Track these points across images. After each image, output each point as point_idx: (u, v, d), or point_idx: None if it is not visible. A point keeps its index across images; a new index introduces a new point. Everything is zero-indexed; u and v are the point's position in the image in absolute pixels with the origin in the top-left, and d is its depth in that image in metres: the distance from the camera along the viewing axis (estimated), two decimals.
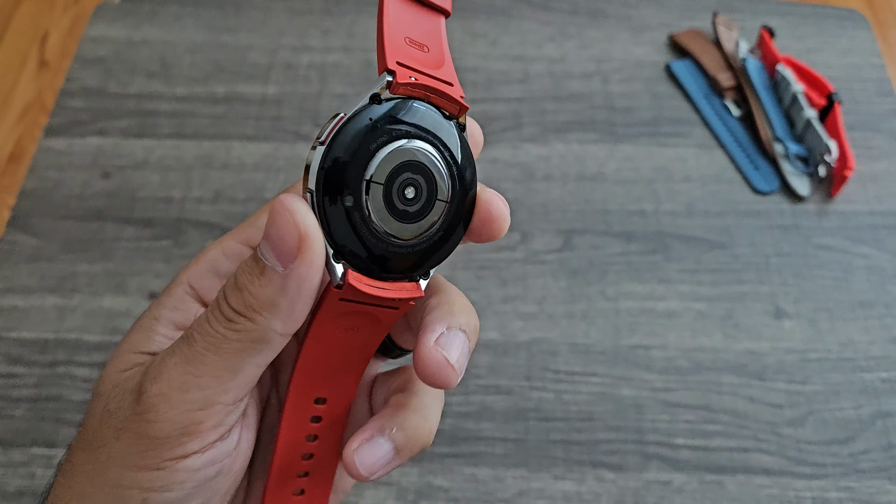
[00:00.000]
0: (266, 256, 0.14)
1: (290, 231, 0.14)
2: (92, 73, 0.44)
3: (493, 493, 0.31)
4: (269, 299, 0.14)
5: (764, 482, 0.32)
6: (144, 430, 0.15)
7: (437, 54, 0.16)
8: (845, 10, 0.49)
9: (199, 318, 0.15)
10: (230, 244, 0.18)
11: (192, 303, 0.18)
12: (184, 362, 0.15)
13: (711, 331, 0.36)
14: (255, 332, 0.15)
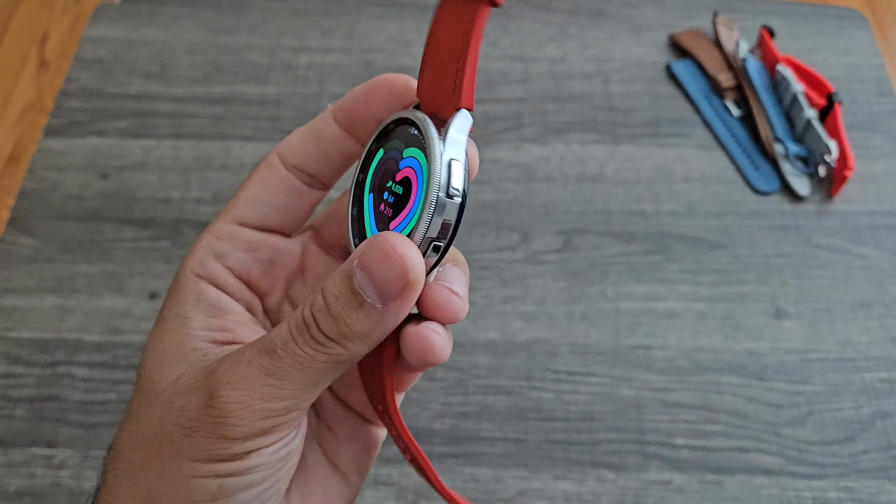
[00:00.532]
0: (366, 292, 0.15)
1: (399, 277, 0.15)
2: (91, 73, 0.44)
3: (494, 494, 0.31)
4: (365, 331, 0.15)
5: (764, 482, 0.32)
6: (222, 432, 0.15)
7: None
8: (845, 10, 0.49)
9: (282, 334, 0.16)
10: (219, 227, 0.18)
11: (208, 287, 0.18)
12: (266, 374, 0.15)
13: (712, 331, 0.36)
14: (342, 356, 0.15)
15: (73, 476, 0.31)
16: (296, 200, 0.18)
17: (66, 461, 0.32)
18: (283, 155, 0.18)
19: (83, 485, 0.31)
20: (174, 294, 0.18)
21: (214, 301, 0.18)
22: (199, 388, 0.16)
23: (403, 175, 0.16)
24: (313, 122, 0.18)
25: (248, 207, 0.18)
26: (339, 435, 0.20)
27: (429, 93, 0.16)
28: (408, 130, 0.16)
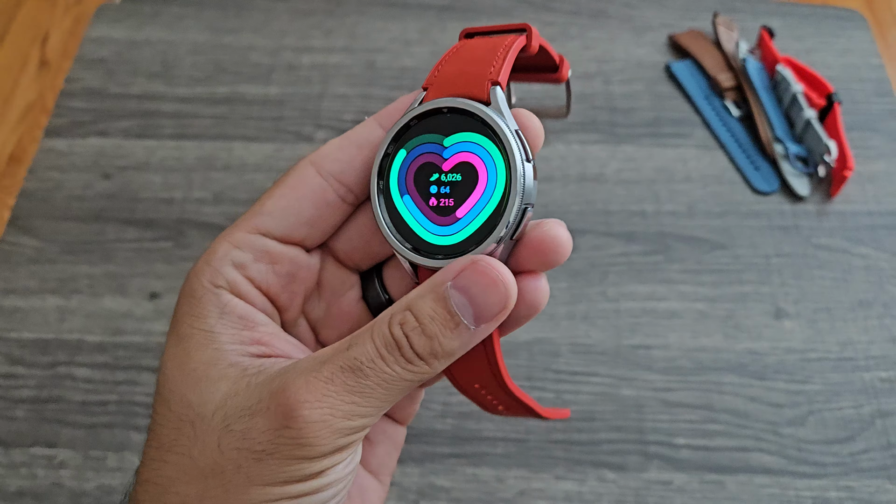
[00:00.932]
0: (464, 314, 0.15)
1: (501, 302, 0.15)
2: (93, 73, 0.44)
3: (495, 493, 0.31)
4: (454, 350, 0.16)
5: (764, 482, 0.32)
6: (301, 453, 0.15)
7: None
8: (844, 11, 0.49)
9: (363, 350, 0.15)
10: (238, 235, 0.17)
11: (233, 298, 0.17)
12: (350, 392, 0.15)
13: (712, 331, 0.36)
14: (427, 375, 0.16)
15: (73, 476, 0.31)
16: (324, 213, 0.18)
17: (66, 462, 0.32)
18: (318, 163, 0.17)
19: (84, 485, 0.31)
20: (190, 308, 0.17)
21: (242, 313, 0.17)
22: (266, 408, 0.15)
23: (457, 162, 0.16)
24: (354, 130, 0.18)
25: (273, 218, 0.17)
26: (373, 438, 0.20)
27: (449, 81, 0.16)
28: (441, 120, 0.16)
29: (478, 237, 0.16)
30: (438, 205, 0.16)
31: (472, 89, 0.16)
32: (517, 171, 0.16)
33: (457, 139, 0.16)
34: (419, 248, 0.16)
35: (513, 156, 0.16)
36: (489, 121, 0.16)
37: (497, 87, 0.16)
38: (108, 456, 0.32)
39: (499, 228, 0.16)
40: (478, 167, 0.16)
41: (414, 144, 0.16)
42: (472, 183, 0.16)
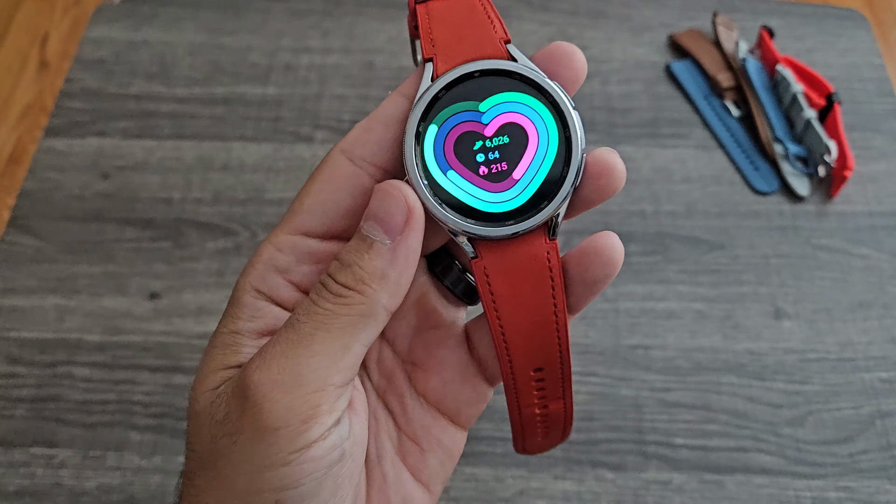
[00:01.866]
0: (373, 233, 0.15)
1: (399, 207, 0.15)
2: (92, 74, 0.44)
3: (493, 493, 0.31)
4: (380, 271, 0.15)
5: (763, 482, 0.32)
6: (262, 422, 0.15)
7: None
8: (845, 10, 0.49)
9: (302, 305, 0.16)
10: (281, 238, 0.17)
11: (267, 305, 0.17)
12: (293, 346, 0.15)
13: (711, 331, 0.36)
14: (364, 306, 0.15)
15: (73, 476, 0.31)
16: (363, 200, 0.17)
17: (66, 461, 0.32)
18: (348, 150, 0.17)
19: (84, 485, 0.31)
20: (230, 309, 0.17)
21: (272, 320, 0.17)
22: (235, 390, 0.15)
23: (501, 124, 0.16)
24: (379, 109, 0.17)
25: (313, 215, 0.17)
26: (426, 446, 0.19)
27: (451, 46, 0.16)
28: (470, 87, 0.16)
29: (545, 192, 0.16)
30: (490, 172, 0.16)
31: (487, 50, 0.16)
32: (573, 120, 0.16)
33: (494, 101, 0.16)
34: (485, 220, 0.16)
35: (566, 106, 0.16)
36: (532, 76, 0.16)
37: (512, 45, 0.16)
38: (108, 455, 0.32)
39: (569, 178, 0.16)
40: (525, 125, 0.16)
41: (445, 117, 0.16)
42: (522, 142, 0.16)
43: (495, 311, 0.16)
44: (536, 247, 0.16)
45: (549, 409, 0.19)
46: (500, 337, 0.17)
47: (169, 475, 0.31)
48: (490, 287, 0.16)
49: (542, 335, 0.17)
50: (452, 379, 0.19)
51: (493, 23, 0.16)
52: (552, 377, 0.18)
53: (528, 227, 0.16)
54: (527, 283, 0.16)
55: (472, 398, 0.20)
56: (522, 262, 0.16)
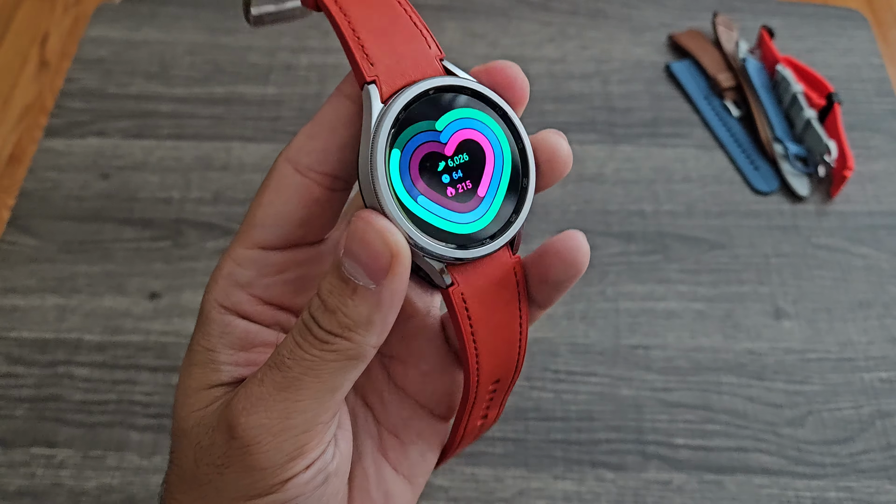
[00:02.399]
0: (356, 276, 0.14)
1: (383, 249, 0.14)
2: (92, 74, 0.44)
3: (493, 493, 0.31)
4: (365, 317, 0.14)
5: (763, 482, 0.32)
6: (250, 462, 0.15)
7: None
8: (845, 10, 0.49)
9: (286, 344, 0.15)
10: (239, 252, 0.17)
11: (235, 319, 0.17)
12: (280, 389, 0.15)
13: (711, 331, 0.36)
14: (352, 350, 0.15)
15: (73, 476, 0.31)
16: (316, 209, 0.16)
17: (66, 461, 0.32)
18: (293, 159, 0.16)
19: (83, 485, 0.31)
20: (200, 326, 0.17)
21: (241, 334, 0.17)
22: (220, 424, 0.15)
23: (458, 141, 0.16)
24: (322, 112, 0.16)
25: (265, 229, 0.16)
26: (406, 439, 0.19)
27: (391, 66, 0.15)
28: (428, 106, 0.15)
29: (511, 202, 0.16)
30: (457, 192, 0.15)
31: (427, 69, 0.16)
32: (523, 130, 0.16)
33: (448, 119, 0.16)
34: (462, 244, 0.15)
35: (515, 118, 0.16)
36: (481, 90, 0.16)
37: (447, 61, 0.16)
38: (108, 455, 0.32)
39: (530, 188, 0.16)
40: (480, 141, 0.16)
41: (405, 140, 0.15)
42: (480, 157, 0.16)
43: (472, 336, 0.16)
44: (504, 262, 0.16)
45: (488, 418, 0.19)
46: (474, 360, 0.16)
47: None
48: (468, 312, 0.16)
49: (507, 350, 0.17)
50: (431, 370, 0.19)
51: (424, 35, 0.16)
52: (503, 386, 0.18)
53: (503, 243, 0.16)
54: (500, 302, 0.16)
55: (452, 388, 0.19)
56: (494, 281, 0.16)
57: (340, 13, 0.16)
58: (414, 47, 0.16)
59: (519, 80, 0.16)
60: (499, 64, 0.16)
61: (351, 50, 0.15)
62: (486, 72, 0.16)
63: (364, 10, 0.16)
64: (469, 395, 0.17)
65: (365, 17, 0.16)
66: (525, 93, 0.16)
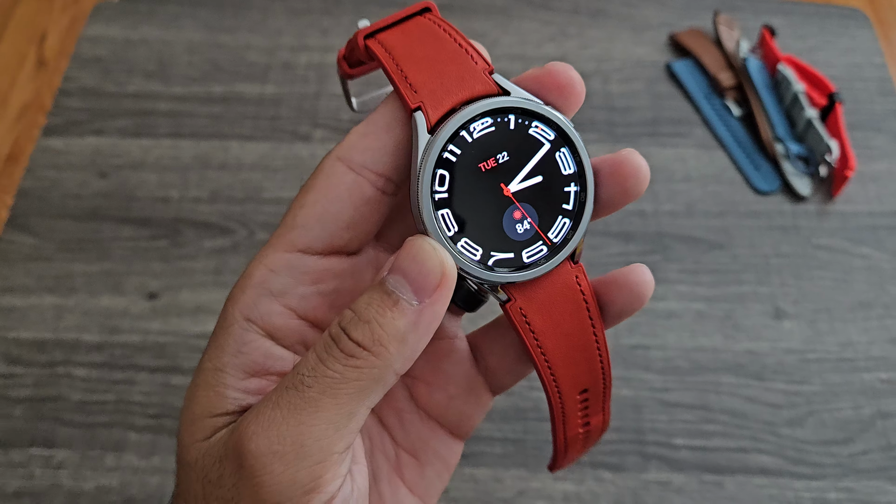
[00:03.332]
0: (400, 290, 0.14)
1: (435, 268, 0.14)
2: (90, 72, 0.44)
3: (493, 493, 0.31)
4: (400, 333, 0.14)
5: (763, 482, 0.32)
6: (261, 495, 0.13)
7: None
8: (847, 10, 0.48)
9: (306, 361, 0.14)
10: (275, 257, 0.16)
11: (257, 338, 0.15)
12: (294, 412, 0.14)
13: (711, 331, 0.36)
14: (377, 370, 0.14)
15: (71, 476, 0.31)
16: (364, 211, 0.16)
17: (64, 461, 0.32)
18: (346, 157, 0.15)
19: (82, 485, 0.31)
20: (216, 338, 0.15)
21: (260, 357, 0.15)
22: (229, 453, 0.14)
23: (509, 164, 0.15)
24: (377, 113, 0.16)
25: (310, 230, 0.15)
26: (424, 459, 0.19)
27: (435, 88, 0.15)
28: (475, 134, 0.15)
29: (568, 217, 0.16)
30: (510, 215, 0.16)
31: (476, 87, 0.15)
32: (580, 144, 0.16)
33: (495, 145, 0.15)
34: (519, 266, 0.15)
35: (572, 133, 0.16)
36: (535, 108, 0.15)
37: (498, 75, 0.16)
38: (106, 455, 0.32)
39: (588, 206, 0.16)
40: (531, 159, 0.16)
41: (452, 170, 0.15)
42: (534, 176, 0.16)
43: (539, 347, 0.16)
44: (564, 275, 0.16)
45: (591, 425, 0.18)
46: (546, 370, 0.16)
47: (167, 476, 0.31)
48: (529, 326, 0.16)
49: (585, 358, 0.17)
50: (458, 394, 0.19)
51: (469, 52, 0.16)
52: (595, 394, 0.18)
53: (560, 261, 0.16)
54: (564, 312, 0.16)
55: (477, 410, 0.19)
56: (555, 293, 0.16)
57: (386, 53, 0.16)
58: (458, 65, 0.16)
59: (578, 84, 0.16)
60: (557, 67, 0.16)
61: (394, 81, 0.15)
62: (539, 81, 0.16)
63: (407, 43, 0.16)
64: (554, 407, 0.17)
65: (408, 51, 0.16)
66: (582, 93, 0.16)
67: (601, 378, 0.17)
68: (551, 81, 0.16)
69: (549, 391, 0.17)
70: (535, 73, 0.16)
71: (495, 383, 0.19)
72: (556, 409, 0.17)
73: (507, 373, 0.19)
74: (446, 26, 0.16)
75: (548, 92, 0.16)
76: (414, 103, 0.15)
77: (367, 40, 0.16)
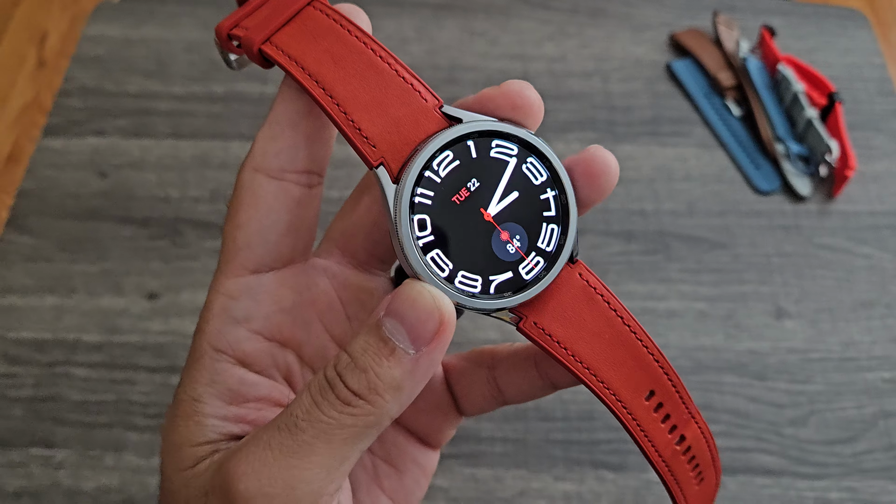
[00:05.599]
0: (397, 338, 0.14)
1: (432, 317, 0.14)
2: (89, 72, 0.44)
3: (493, 493, 0.31)
4: (396, 382, 0.14)
5: (765, 482, 0.32)
6: None
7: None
8: (846, 10, 0.49)
9: (300, 403, 0.14)
10: (230, 284, 0.15)
11: (229, 366, 0.16)
12: (287, 455, 0.13)
13: (712, 330, 0.36)
14: (372, 417, 0.14)
15: (71, 476, 0.31)
16: (300, 211, 0.16)
17: (64, 461, 0.32)
18: (261, 166, 0.15)
19: (81, 485, 0.31)
20: (189, 370, 0.16)
21: (234, 385, 0.15)
22: (214, 488, 0.14)
23: (482, 191, 0.15)
24: (276, 111, 0.15)
25: (254, 248, 0.15)
26: (402, 467, 0.19)
27: (393, 141, 0.15)
28: (442, 169, 0.15)
29: (556, 225, 0.15)
30: (498, 240, 0.15)
31: (430, 127, 0.15)
32: (543, 149, 0.16)
33: (463, 176, 0.15)
34: (519, 287, 0.15)
35: (540, 145, 0.15)
36: (490, 128, 0.15)
37: (447, 106, 0.15)
38: (106, 455, 0.32)
39: (570, 204, 0.15)
40: (503, 181, 0.15)
41: (429, 214, 0.15)
42: (510, 196, 0.15)
43: (572, 356, 0.15)
44: (567, 276, 0.16)
45: (687, 437, 0.17)
46: (592, 379, 0.15)
47: None
48: (552, 337, 0.15)
49: (631, 355, 0.16)
50: (426, 409, 0.19)
51: (415, 87, 0.15)
52: (665, 393, 0.16)
53: (559, 270, 0.15)
54: (582, 311, 0.16)
55: (445, 425, 0.19)
56: (564, 296, 0.16)
57: (322, 92, 0.15)
58: (409, 106, 0.15)
59: (536, 103, 0.15)
60: (512, 87, 0.15)
61: (349, 136, 0.15)
62: (502, 95, 0.15)
63: (344, 78, 0.15)
64: (624, 420, 0.16)
65: (349, 90, 0.15)
66: (541, 112, 0.16)
67: (662, 374, 0.16)
68: (506, 102, 0.15)
69: (608, 401, 0.15)
70: (489, 94, 0.16)
71: (464, 406, 0.19)
72: (626, 421, 0.16)
73: (473, 405, 0.19)
74: (375, 46, 0.15)
75: (504, 112, 0.15)
76: (376, 160, 0.15)
77: (267, 49, 0.15)
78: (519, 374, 0.18)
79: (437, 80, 0.44)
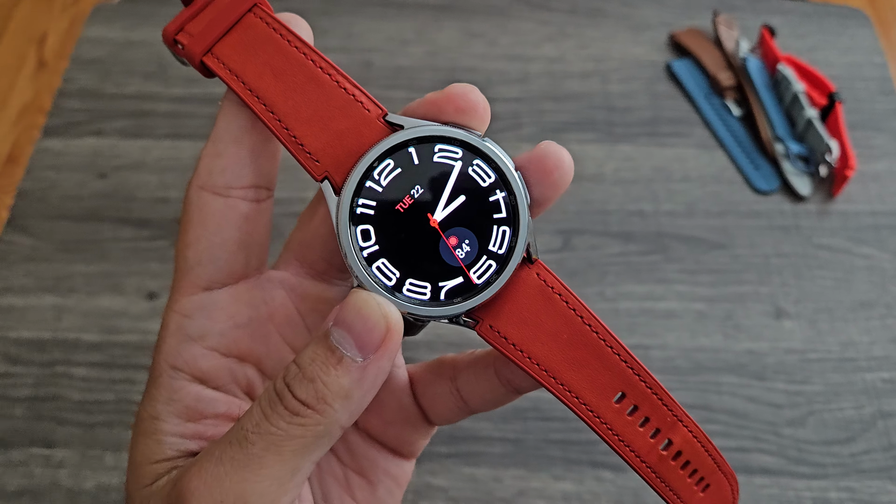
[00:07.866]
0: (345, 346, 0.14)
1: (379, 324, 0.14)
2: (89, 73, 0.44)
3: (492, 493, 0.31)
4: (345, 390, 0.14)
5: (764, 482, 0.32)
6: None
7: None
8: (847, 9, 0.48)
9: (250, 416, 0.14)
10: (184, 302, 0.16)
11: (186, 384, 0.16)
12: (238, 468, 0.14)
13: (711, 331, 0.36)
14: (321, 427, 0.14)
15: (71, 475, 0.31)
16: (248, 227, 0.16)
17: (64, 460, 0.32)
18: (208, 185, 0.15)
19: (81, 484, 0.31)
20: (149, 389, 0.16)
21: (192, 402, 0.16)
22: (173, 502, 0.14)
23: (427, 196, 0.15)
24: (218, 128, 0.15)
25: (205, 266, 0.15)
26: (373, 478, 0.19)
27: (336, 154, 0.15)
28: (385, 176, 0.15)
29: (507, 226, 0.15)
30: (446, 245, 0.15)
31: (372, 138, 0.15)
32: (488, 150, 0.15)
33: (406, 182, 0.15)
34: (471, 293, 0.15)
35: (478, 143, 0.15)
36: (430, 134, 0.15)
37: (391, 114, 0.15)
38: (106, 455, 0.32)
39: (520, 204, 0.15)
40: (447, 185, 0.15)
41: (374, 224, 0.15)
42: (455, 199, 0.15)
43: (528, 359, 0.15)
44: (524, 277, 0.15)
45: (675, 442, 0.16)
46: (550, 380, 0.15)
47: None
48: (507, 340, 0.15)
49: (594, 356, 0.15)
50: (394, 420, 0.19)
51: (358, 97, 0.15)
52: (639, 396, 0.15)
53: (511, 272, 0.15)
54: (538, 312, 0.15)
55: (415, 436, 0.19)
56: (521, 298, 0.15)
57: (263, 108, 0.15)
58: (352, 118, 0.15)
59: (481, 105, 0.15)
60: (456, 90, 0.15)
61: (292, 152, 0.15)
62: (446, 99, 0.15)
63: (285, 92, 0.15)
64: (591, 423, 0.15)
65: (290, 105, 0.15)
66: (487, 114, 0.15)
67: (632, 376, 0.15)
68: (451, 106, 0.15)
69: (568, 403, 0.15)
70: (434, 98, 0.15)
71: (432, 417, 0.19)
72: (594, 424, 0.15)
73: (440, 416, 0.19)
74: (315, 57, 0.15)
75: (449, 116, 0.15)
76: (320, 175, 0.15)
77: (208, 62, 0.15)
78: (480, 381, 0.18)
79: (437, 81, 0.44)
